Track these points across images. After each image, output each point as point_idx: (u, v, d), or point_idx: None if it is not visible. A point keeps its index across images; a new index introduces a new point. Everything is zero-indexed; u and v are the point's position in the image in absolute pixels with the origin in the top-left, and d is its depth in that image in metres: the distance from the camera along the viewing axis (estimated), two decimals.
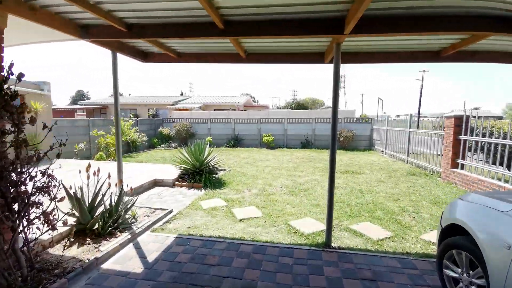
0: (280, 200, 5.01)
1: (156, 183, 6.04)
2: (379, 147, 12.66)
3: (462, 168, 6.38)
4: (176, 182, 6.03)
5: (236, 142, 15.12)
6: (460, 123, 6.44)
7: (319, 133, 14.51)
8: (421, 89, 37.95)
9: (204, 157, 6.38)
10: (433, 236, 3.50)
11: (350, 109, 21.25)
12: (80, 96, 64.58)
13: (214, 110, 24.58)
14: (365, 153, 12.21)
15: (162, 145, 14.80)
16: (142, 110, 28.36)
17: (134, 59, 4.64)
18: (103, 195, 3.42)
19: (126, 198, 3.80)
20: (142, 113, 28.06)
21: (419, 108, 40.34)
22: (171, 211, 4.28)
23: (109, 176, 3.44)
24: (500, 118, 38.77)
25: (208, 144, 7.32)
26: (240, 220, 4.07)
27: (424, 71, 38.39)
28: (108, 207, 3.45)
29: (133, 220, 3.80)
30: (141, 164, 8.29)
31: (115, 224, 3.43)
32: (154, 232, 3.59)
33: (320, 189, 5.85)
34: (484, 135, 5.71)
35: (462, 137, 6.35)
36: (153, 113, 26.73)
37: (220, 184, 6.11)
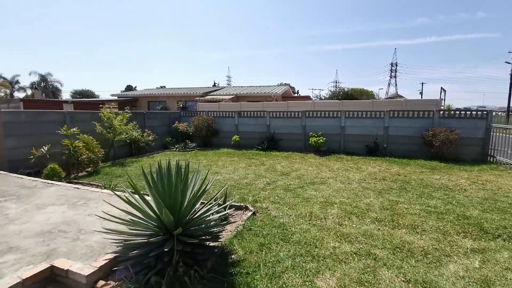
0: None
1: (52, 279, 2.33)
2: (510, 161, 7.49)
3: None
4: (101, 282, 2.24)
5: (271, 143, 11.03)
6: None
7: (394, 134, 9.66)
8: None
9: (185, 204, 2.47)
10: None
11: (432, 98, 15.46)
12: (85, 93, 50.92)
13: (248, 101, 20.76)
14: (487, 171, 7.14)
15: (176, 145, 11.46)
16: (171, 102, 25.90)
17: None
18: None
19: None
20: (171, 105, 25.56)
21: (509, 100, 31.24)
22: None
23: None
24: None
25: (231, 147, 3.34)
26: None
27: None
28: None
29: None
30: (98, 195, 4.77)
31: None
32: None
33: None
34: None
35: None
36: (181, 105, 23.87)
37: None
